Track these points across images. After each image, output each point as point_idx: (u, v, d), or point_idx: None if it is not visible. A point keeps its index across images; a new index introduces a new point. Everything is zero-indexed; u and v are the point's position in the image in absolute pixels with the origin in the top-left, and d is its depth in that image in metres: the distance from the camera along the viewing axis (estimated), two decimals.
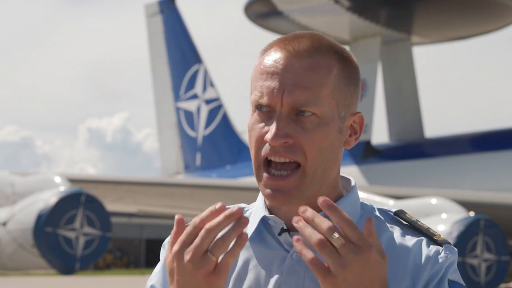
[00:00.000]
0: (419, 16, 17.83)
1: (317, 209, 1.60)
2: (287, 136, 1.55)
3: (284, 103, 1.56)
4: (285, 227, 1.61)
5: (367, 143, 17.64)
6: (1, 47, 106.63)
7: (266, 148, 1.58)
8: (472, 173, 15.87)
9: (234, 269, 1.62)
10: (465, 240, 9.94)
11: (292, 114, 1.57)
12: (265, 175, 1.58)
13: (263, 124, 1.59)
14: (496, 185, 15.06)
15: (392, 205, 10.70)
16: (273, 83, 1.58)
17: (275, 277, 1.58)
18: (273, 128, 1.56)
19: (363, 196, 11.38)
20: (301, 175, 1.57)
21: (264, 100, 1.58)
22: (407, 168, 16.96)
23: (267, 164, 1.59)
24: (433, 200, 10.93)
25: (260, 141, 1.59)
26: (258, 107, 1.60)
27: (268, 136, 1.56)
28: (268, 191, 1.58)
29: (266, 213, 1.64)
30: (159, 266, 1.72)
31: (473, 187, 15.30)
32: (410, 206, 10.71)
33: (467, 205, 11.66)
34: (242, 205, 1.74)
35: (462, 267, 9.88)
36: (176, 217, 1.46)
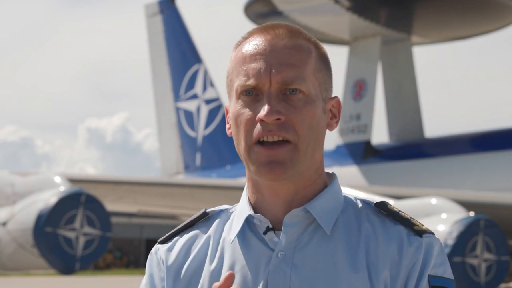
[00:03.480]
0: (419, 16, 17.82)
1: (301, 198, 1.61)
2: (279, 113, 1.56)
3: (272, 82, 1.57)
4: (270, 226, 1.61)
5: (367, 143, 17.64)
6: (1, 47, 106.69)
7: (257, 128, 1.57)
8: (472, 173, 15.86)
9: (220, 273, 1.61)
10: (465, 240, 9.94)
11: (280, 94, 1.57)
12: (258, 148, 1.57)
13: (250, 108, 1.58)
14: (496, 185, 15.05)
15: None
16: (258, 64, 1.58)
17: (262, 277, 1.58)
18: (265, 106, 1.56)
19: (363, 196, 11.37)
20: (294, 149, 1.57)
21: (252, 82, 1.58)
22: (407, 168, 16.96)
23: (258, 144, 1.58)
24: (433, 200, 10.93)
25: (251, 124, 1.58)
26: (245, 92, 1.59)
27: (262, 114, 1.55)
28: (263, 165, 1.57)
29: (251, 212, 1.63)
30: (145, 280, 1.72)
31: (473, 187, 15.29)
32: (410, 206, 10.71)
33: (467, 205, 11.66)
34: (225, 206, 1.73)
35: (462, 267, 9.89)
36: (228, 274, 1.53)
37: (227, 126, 1.66)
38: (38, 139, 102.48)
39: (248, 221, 1.64)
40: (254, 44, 1.60)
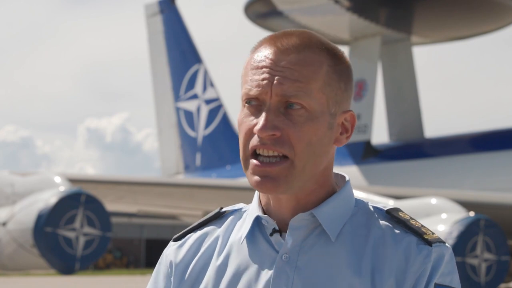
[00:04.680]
0: (419, 16, 17.83)
1: (304, 205, 1.61)
2: (275, 128, 1.55)
3: (273, 94, 1.56)
4: (277, 228, 1.61)
5: (367, 143, 17.64)
6: (1, 47, 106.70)
7: (254, 140, 1.57)
8: (472, 173, 15.87)
9: (225, 271, 1.63)
10: (465, 240, 9.94)
11: (281, 107, 1.56)
12: (253, 161, 1.58)
13: (252, 117, 1.58)
14: (496, 185, 15.06)
15: (391, 204, 10.70)
16: (262, 76, 1.58)
17: (265, 278, 1.59)
18: (261, 119, 1.55)
19: (362, 196, 11.38)
20: (289, 166, 1.56)
21: (254, 92, 1.57)
22: (407, 168, 16.96)
23: (255, 156, 1.58)
24: (433, 200, 10.93)
25: (249, 134, 1.58)
26: (248, 101, 1.59)
27: (257, 128, 1.55)
28: (256, 177, 1.57)
29: (260, 213, 1.64)
30: (152, 276, 1.73)
31: (473, 187, 15.30)
32: (410, 206, 10.71)
33: (467, 205, 11.66)
34: (241, 205, 1.75)
35: (462, 267, 9.89)
36: None
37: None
38: (38, 139, 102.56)
39: (257, 221, 1.65)
40: (262, 55, 1.60)
